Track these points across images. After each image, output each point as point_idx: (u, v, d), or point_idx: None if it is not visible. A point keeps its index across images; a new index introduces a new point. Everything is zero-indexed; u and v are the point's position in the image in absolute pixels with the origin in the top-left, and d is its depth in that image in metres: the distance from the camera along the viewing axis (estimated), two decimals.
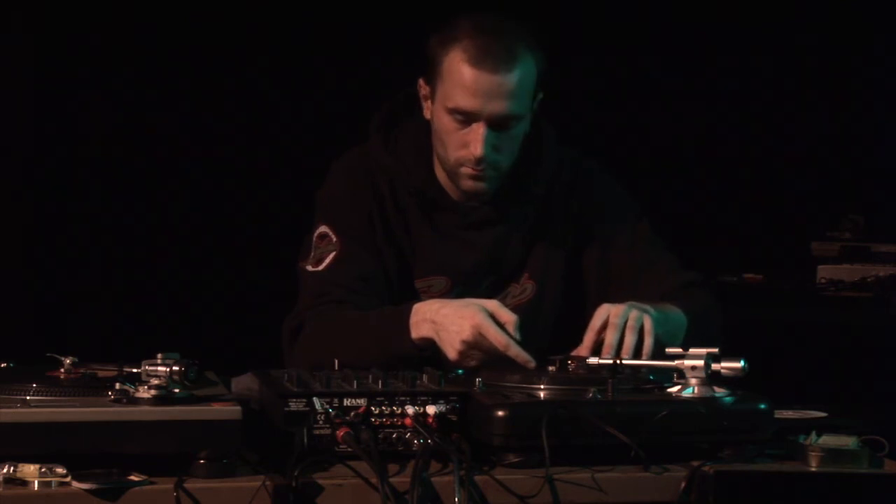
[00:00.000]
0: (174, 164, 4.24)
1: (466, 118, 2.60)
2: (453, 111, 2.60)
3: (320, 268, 2.69)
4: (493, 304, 2.43)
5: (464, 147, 2.62)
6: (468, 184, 2.67)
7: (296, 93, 4.29)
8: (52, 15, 4.10)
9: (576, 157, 2.84)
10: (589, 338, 2.45)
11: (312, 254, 2.72)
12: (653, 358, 2.38)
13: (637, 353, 2.40)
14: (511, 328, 2.37)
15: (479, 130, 2.59)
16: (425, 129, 2.71)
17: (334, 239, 2.70)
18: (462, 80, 2.58)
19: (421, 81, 2.68)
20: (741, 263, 4.42)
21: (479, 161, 2.62)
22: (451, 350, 2.40)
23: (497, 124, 2.60)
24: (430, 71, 2.65)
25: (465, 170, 2.65)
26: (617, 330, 2.41)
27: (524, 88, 2.60)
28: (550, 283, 2.76)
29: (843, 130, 4.80)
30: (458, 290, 2.73)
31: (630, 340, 2.41)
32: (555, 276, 2.76)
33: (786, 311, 4.15)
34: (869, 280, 4.13)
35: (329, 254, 2.69)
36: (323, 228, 2.72)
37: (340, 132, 2.92)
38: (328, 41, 4.28)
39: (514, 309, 2.69)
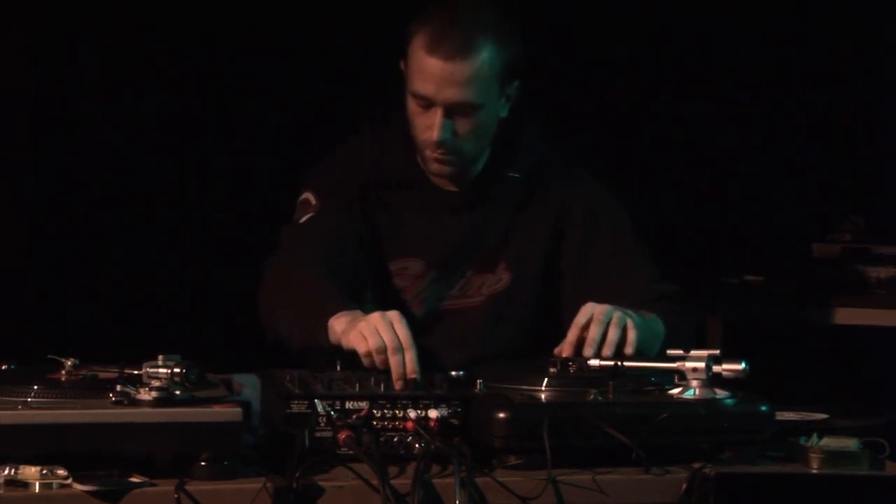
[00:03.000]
0: (175, 165, 4.23)
1: (426, 103, 2.64)
2: (414, 95, 2.65)
3: (298, 222, 2.74)
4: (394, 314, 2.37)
5: (427, 130, 2.66)
6: (433, 166, 2.71)
7: (298, 95, 4.29)
8: (51, 15, 4.10)
9: (563, 156, 2.85)
10: (573, 333, 2.46)
11: (294, 217, 2.77)
12: (643, 362, 2.38)
13: (620, 349, 2.40)
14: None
15: (436, 115, 2.63)
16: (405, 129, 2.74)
17: (313, 202, 2.75)
18: (419, 65, 2.62)
19: (402, 63, 2.70)
20: (742, 264, 4.41)
21: (437, 145, 2.66)
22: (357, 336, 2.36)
23: (455, 111, 2.64)
24: (404, 54, 2.69)
25: (429, 153, 2.69)
26: (600, 325, 2.43)
27: (482, 77, 2.62)
28: (526, 275, 2.77)
29: (844, 131, 4.79)
30: (434, 273, 2.75)
31: (613, 335, 2.42)
32: (531, 270, 2.77)
33: (786, 313, 4.15)
34: (870, 281, 4.12)
35: (307, 214, 2.74)
36: (305, 195, 2.77)
37: (342, 134, 2.93)
38: (321, 40, 4.29)
39: (487, 298, 2.76)
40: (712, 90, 4.68)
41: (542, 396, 2.22)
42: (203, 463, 1.99)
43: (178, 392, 2.05)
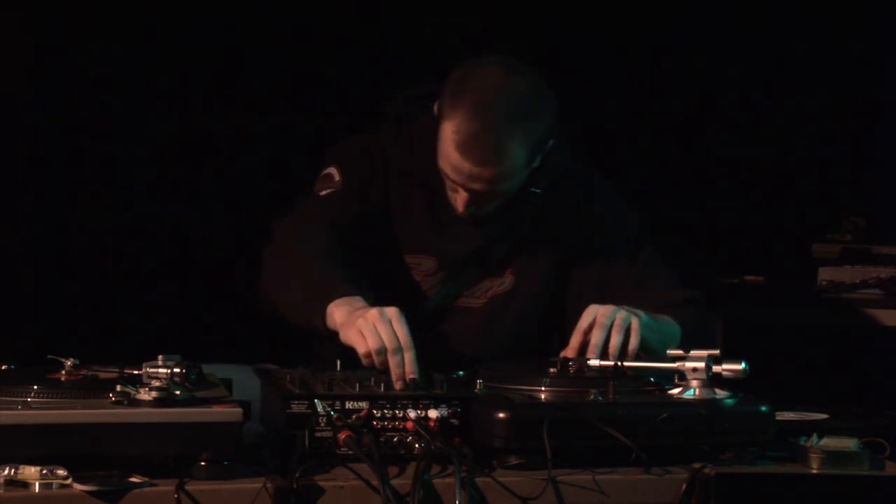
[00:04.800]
0: (175, 165, 4.23)
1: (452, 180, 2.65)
2: (442, 169, 2.65)
3: (318, 194, 2.74)
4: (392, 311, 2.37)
5: (453, 192, 2.69)
6: (457, 212, 2.72)
7: (299, 96, 4.30)
8: (51, 13, 4.10)
9: (581, 167, 2.85)
10: (576, 339, 2.47)
11: (314, 189, 2.77)
12: (644, 362, 2.38)
13: (623, 353, 2.41)
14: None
15: (462, 195, 2.66)
16: (435, 128, 2.72)
17: (337, 178, 2.75)
18: (449, 155, 2.61)
19: (436, 106, 2.68)
20: (742, 265, 4.41)
21: (462, 212, 2.68)
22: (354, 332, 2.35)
23: (481, 195, 2.65)
24: (439, 112, 2.65)
25: (454, 207, 2.71)
26: (603, 330, 2.43)
27: (510, 174, 2.62)
28: (529, 281, 2.78)
29: (844, 131, 4.80)
30: (444, 274, 2.77)
31: (616, 340, 2.42)
32: (535, 276, 2.79)
33: (786, 313, 4.15)
34: (870, 282, 4.13)
35: (328, 189, 2.75)
36: (329, 170, 2.77)
37: (342, 135, 2.92)
38: (326, 42, 4.29)
39: (489, 299, 2.78)
40: (712, 90, 4.68)
41: (543, 396, 2.22)
42: (203, 463, 1.99)
43: (178, 392, 2.05)
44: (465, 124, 2.58)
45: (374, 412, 2.12)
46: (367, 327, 2.30)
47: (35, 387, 2.06)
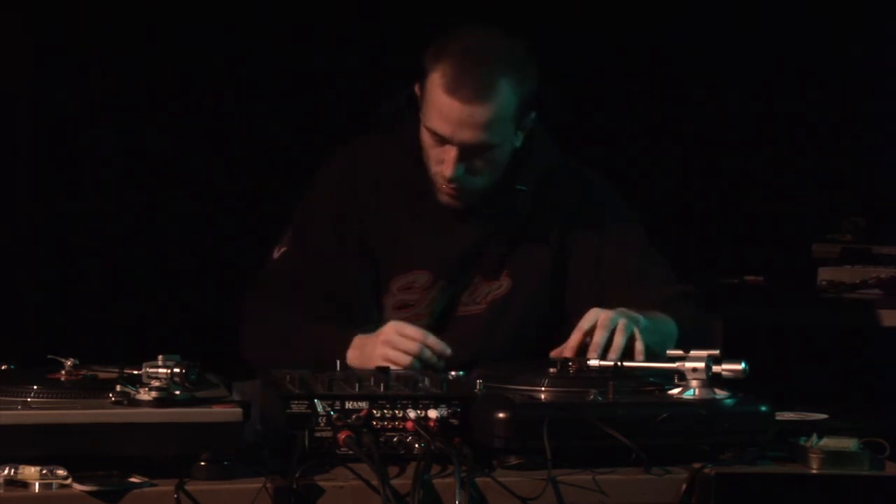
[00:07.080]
0: (175, 165, 4.24)
1: (441, 140, 2.64)
2: (429, 130, 2.65)
3: (273, 257, 2.80)
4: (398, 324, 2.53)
5: (440, 164, 2.67)
6: (444, 198, 2.72)
7: (299, 97, 4.30)
8: (51, 13, 4.10)
9: (573, 165, 2.85)
10: (575, 338, 2.46)
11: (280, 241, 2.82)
12: (643, 362, 2.38)
13: (627, 357, 2.40)
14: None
15: (451, 153, 2.64)
16: (418, 126, 2.72)
17: (288, 232, 2.80)
18: (437, 104, 2.61)
19: (416, 87, 2.69)
20: (742, 265, 4.42)
21: (450, 181, 2.66)
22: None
23: (470, 150, 2.63)
24: (420, 82, 2.68)
25: (441, 185, 2.70)
26: (605, 331, 2.42)
27: (500, 118, 2.62)
28: (527, 282, 2.78)
29: (844, 131, 4.80)
30: (442, 283, 2.75)
31: (619, 341, 2.42)
32: (533, 277, 2.78)
33: (786, 313, 4.15)
34: (870, 282, 4.13)
35: (282, 247, 2.79)
36: (293, 219, 2.82)
37: (343, 136, 2.92)
38: (327, 40, 4.29)
39: (489, 304, 2.78)
40: (712, 89, 4.69)
41: (543, 397, 2.22)
42: (203, 463, 1.99)
43: (178, 392, 2.05)
44: (452, 66, 2.60)
45: (374, 412, 2.12)
46: (392, 354, 2.44)
47: (35, 387, 2.06)
